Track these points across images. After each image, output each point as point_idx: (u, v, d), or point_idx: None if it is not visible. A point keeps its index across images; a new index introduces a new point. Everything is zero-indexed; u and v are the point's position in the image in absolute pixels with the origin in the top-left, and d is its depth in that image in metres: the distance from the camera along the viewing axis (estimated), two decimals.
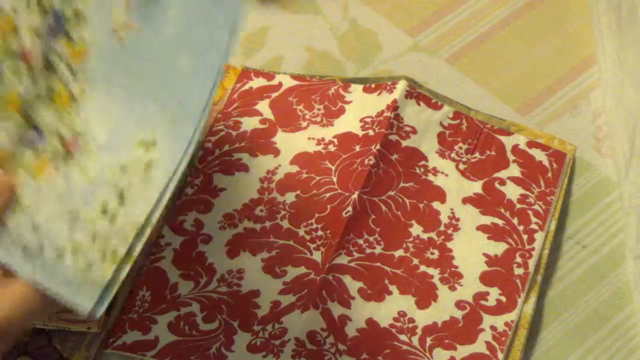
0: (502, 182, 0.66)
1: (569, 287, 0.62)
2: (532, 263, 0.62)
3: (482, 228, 0.64)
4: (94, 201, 0.48)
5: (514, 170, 0.67)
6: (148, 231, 0.49)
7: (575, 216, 0.65)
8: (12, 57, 0.49)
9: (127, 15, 0.51)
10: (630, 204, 0.63)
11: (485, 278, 0.62)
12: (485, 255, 0.63)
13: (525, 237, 0.64)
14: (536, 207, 0.65)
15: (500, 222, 0.64)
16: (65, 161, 0.49)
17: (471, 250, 0.63)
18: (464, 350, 0.59)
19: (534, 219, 0.64)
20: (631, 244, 0.62)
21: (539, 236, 0.64)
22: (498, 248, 0.63)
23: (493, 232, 0.64)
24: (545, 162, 0.67)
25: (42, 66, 0.49)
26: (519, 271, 0.62)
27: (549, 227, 0.64)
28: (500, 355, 0.59)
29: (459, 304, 0.61)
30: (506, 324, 0.60)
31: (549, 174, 0.66)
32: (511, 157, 0.67)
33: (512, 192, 0.66)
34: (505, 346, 0.59)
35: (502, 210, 0.65)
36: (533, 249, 0.63)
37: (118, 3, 0.52)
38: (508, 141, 0.68)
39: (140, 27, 0.52)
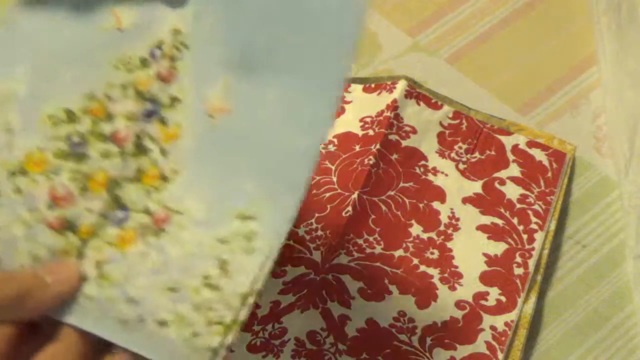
0: (502, 182, 0.66)
1: (569, 287, 0.62)
2: (532, 263, 0.62)
3: (482, 228, 0.64)
4: (194, 273, 0.50)
5: (514, 170, 0.67)
6: (252, 299, 0.50)
7: (575, 216, 0.65)
8: (101, 140, 0.51)
9: (223, 100, 0.53)
10: (630, 204, 0.63)
11: (485, 278, 0.62)
12: (485, 255, 0.63)
13: (525, 237, 0.64)
14: (536, 206, 0.65)
15: (500, 222, 0.64)
16: (157, 235, 0.50)
17: (471, 250, 0.63)
18: (463, 350, 0.59)
19: (533, 219, 0.64)
20: (631, 243, 0.62)
21: (538, 236, 0.64)
22: (498, 248, 0.63)
23: (493, 232, 0.64)
24: (545, 162, 0.67)
25: (134, 148, 0.51)
26: (518, 271, 0.62)
27: (549, 227, 0.64)
28: (500, 355, 0.59)
29: (459, 304, 0.61)
30: (506, 323, 0.60)
31: (549, 174, 0.66)
32: (511, 157, 0.67)
33: (512, 191, 0.66)
34: (505, 346, 0.59)
35: (502, 210, 0.65)
36: (533, 248, 0.63)
37: (215, 89, 0.53)
38: (508, 141, 0.68)
39: (234, 109, 0.53)
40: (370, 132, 0.67)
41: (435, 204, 0.65)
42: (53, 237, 0.50)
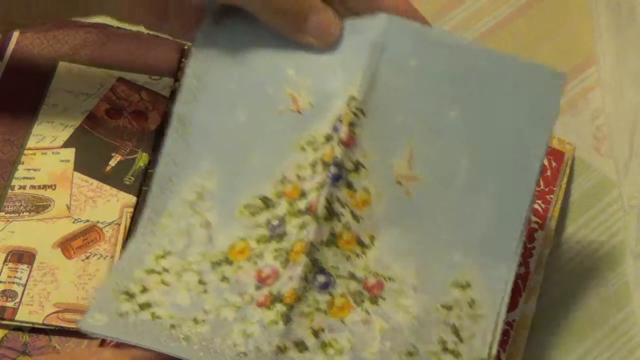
0: None
1: (569, 287, 0.62)
2: (532, 262, 0.62)
3: None
4: (430, 338, 0.52)
5: None
6: None
7: (574, 216, 0.65)
8: (298, 216, 0.53)
9: (409, 168, 0.54)
10: (629, 204, 0.63)
11: None
12: None
13: None
14: (536, 206, 0.65)
15: None
16: (375, 303, 0.52)
17: None
18: None
19: (533, 218, 0.64)
20: (631, 243, 0.62)
21: (538, 235, 0.64)
22: None
23: None
24: (544, 161, 0.67)
25: (325, 212, 0.52)
26: (519, 270, 0.62)
27: (549, 227, 0.64)
28: (503, 356, 0.59)
29: None
30: (508, 323, 0.60)
31: (548, 173, 0.66)
32: None
33: None
34: (507, 346, 0.59)
35: None
36: (533, 247, 0.63)
37: (399, 156, 0.54)
38: None
39: (426, 179, 0.54)
40: None
41: None
42: (262, 313, 0.51)
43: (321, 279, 0.51)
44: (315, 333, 0.51)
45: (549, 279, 0.61)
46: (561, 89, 0.56)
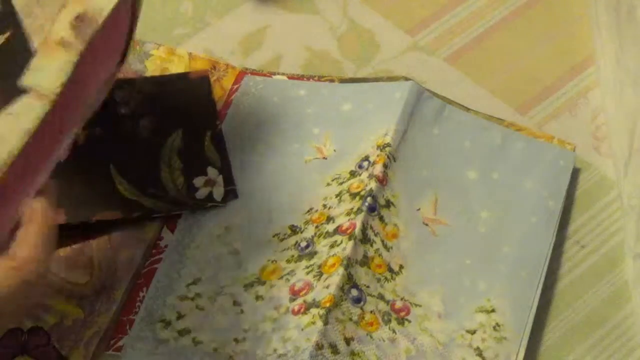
0: None
1: (569, 287, 0.62)
2: None
3: None
4: (453, 359, 0.56)
5: None
6: None
7: (574, 216, 0.65)
8: (327, 237, 0.58)
9: (434, 213, 0.61)
10: (629, 204, 0.63)
11: None
12: None
13: None
14: None
15: None
16: (401, 324, 0.56)
17: None
18: None
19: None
20: (630, 243, 0.62)
21: None
22: None
23: None
24: None
25: (361, 235, 0.57)
26: None
27: None
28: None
29: None
30: None
31: None
32: None
33: None
34: None
35: None
36: None
37: (425, 202, 0.61)
38: None
39: (450, 223, 0.61)
40: None
41: None
42: (298, 319, 0.55)
43: (354, 292, 0.55)
44: (347, 341, 0.54)
45: (548, 278, 0.61)
46: (572, 163, 0.63)
